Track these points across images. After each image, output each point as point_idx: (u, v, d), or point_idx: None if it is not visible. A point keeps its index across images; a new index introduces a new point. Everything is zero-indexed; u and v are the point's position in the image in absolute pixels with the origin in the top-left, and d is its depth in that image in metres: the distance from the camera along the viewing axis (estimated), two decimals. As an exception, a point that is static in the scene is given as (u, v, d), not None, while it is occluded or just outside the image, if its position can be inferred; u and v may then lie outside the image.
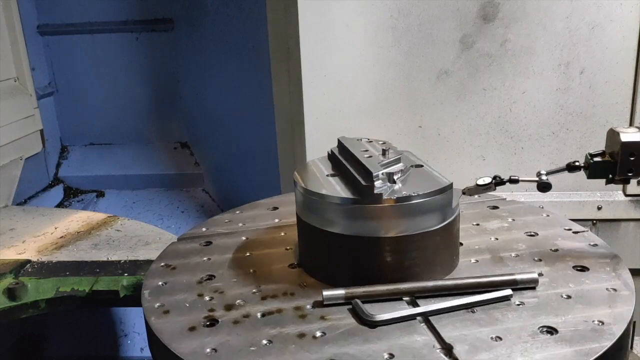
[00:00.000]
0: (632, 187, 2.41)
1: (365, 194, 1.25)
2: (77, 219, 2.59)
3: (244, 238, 1.62)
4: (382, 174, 1.29)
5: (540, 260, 1.41)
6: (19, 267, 2.09)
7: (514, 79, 2.37)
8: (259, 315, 1.22)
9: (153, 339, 1.20)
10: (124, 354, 3.36)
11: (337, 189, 1.33)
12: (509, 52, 2.34)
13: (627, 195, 2.45)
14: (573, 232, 1.56)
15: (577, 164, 1.40)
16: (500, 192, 1.60)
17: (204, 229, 1.71)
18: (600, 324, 1.13)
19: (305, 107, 2.44)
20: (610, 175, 1.36)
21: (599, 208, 2.45)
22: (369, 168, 1.30)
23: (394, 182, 1.30)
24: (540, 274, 1.31)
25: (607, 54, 2.31)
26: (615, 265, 1.37)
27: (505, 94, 2.39)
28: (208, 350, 1.11)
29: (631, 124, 2.37)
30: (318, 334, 1.14)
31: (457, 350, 1.06)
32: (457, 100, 2.41)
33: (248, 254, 1.52)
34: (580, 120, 2.39)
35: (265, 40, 2.66)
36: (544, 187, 1.40)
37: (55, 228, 2.48)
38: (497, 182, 1.44)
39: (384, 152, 1.42)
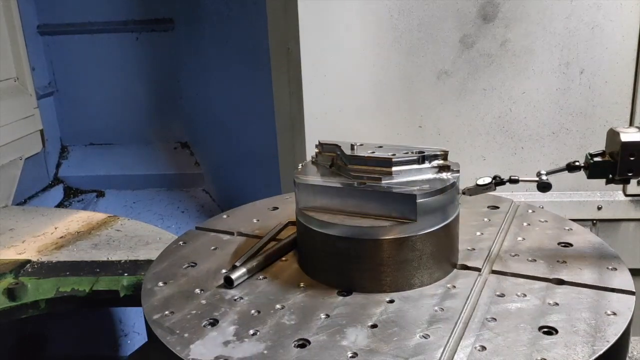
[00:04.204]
0: (632, 187, 2.41)
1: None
2: (77, 219, 2.58)
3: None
4: None
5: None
6: (19, 267, 2.08)
7: (514, 79, 2.37)
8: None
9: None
10: (124, 354, 3.35)
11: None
12: (509, 52, 2.34)
13: (627, 195, 2.45)
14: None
15: (577, 164, 1.40)
16: (500, 192, 1.60)
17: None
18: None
19: (305, 107, 2.44)
20: (610, 175, 1.35)
21: (599, 208, 2.45)
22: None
23: None
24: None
25: (607, 54, 2.31)
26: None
27: (505, 94, 2.39)
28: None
29: (631, 124, 2.37)
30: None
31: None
32: (457, 100, 2.41)
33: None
34: (580, 120, 2.39)
35: (265, 40, 2.66)
36: (544, 187, 1.40)
37: (55, 228, 2.48)
38: (497, 182, 1.44)
39: None
